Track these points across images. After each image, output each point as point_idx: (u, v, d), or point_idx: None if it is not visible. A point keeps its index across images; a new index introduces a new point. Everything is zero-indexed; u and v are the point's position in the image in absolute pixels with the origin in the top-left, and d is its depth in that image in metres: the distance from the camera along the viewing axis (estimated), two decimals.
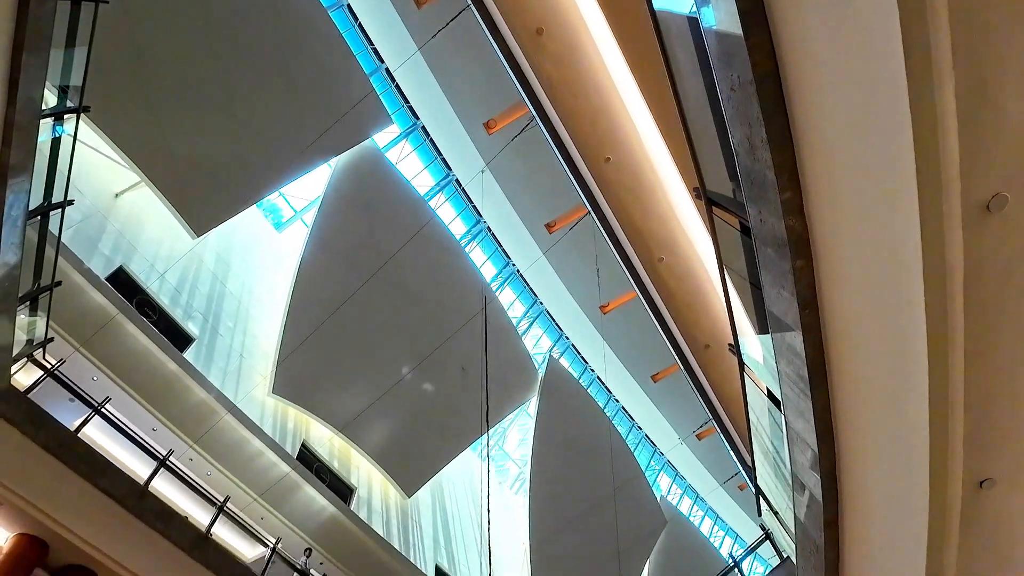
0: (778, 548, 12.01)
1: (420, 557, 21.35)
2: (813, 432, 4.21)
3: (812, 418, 4.26)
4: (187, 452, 14.39)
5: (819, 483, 4.37)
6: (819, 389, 4.27)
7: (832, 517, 4.40)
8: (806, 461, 4.73)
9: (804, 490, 4.85)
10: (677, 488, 38.11)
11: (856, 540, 4.49)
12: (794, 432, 4.62)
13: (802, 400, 4.43)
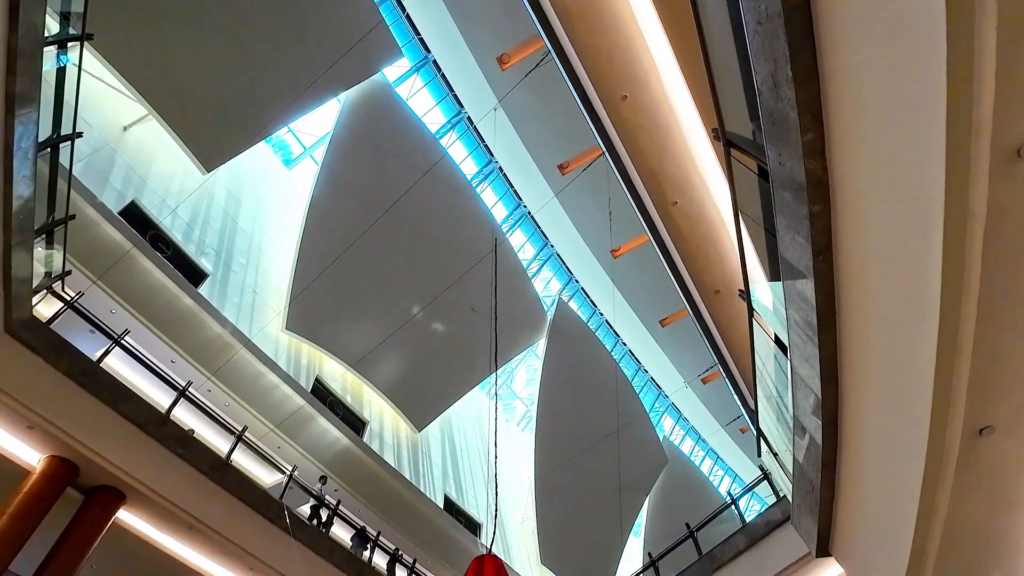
0: (775, 487, 12.40)
1: (430, 487, 22.35)
2: (818, 378, 4.25)
3: (818, 364, 4.29)
4: (205, 384, 14.88)
5: (820, 427, 4.45)
6: (827, 335, 4.27)
7: (830, 458, 4.51)
8: (808, 405, 4.80)
9: (804, 433, 4.95)
10: (680, 429, 39.10)
11: (851, 480, 4.61)
12: (799, 377, 4.67)
13: (809, 346, 4.45)
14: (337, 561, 12.49)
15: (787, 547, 10.84)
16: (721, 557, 12.23)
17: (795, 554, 10.56)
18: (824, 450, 4.50)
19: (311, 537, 12.19)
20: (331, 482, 16.60)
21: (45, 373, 8.79)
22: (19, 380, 8.46)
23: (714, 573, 12.28)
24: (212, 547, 10.49)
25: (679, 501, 27.13)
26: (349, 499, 16.95)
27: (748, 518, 12.67)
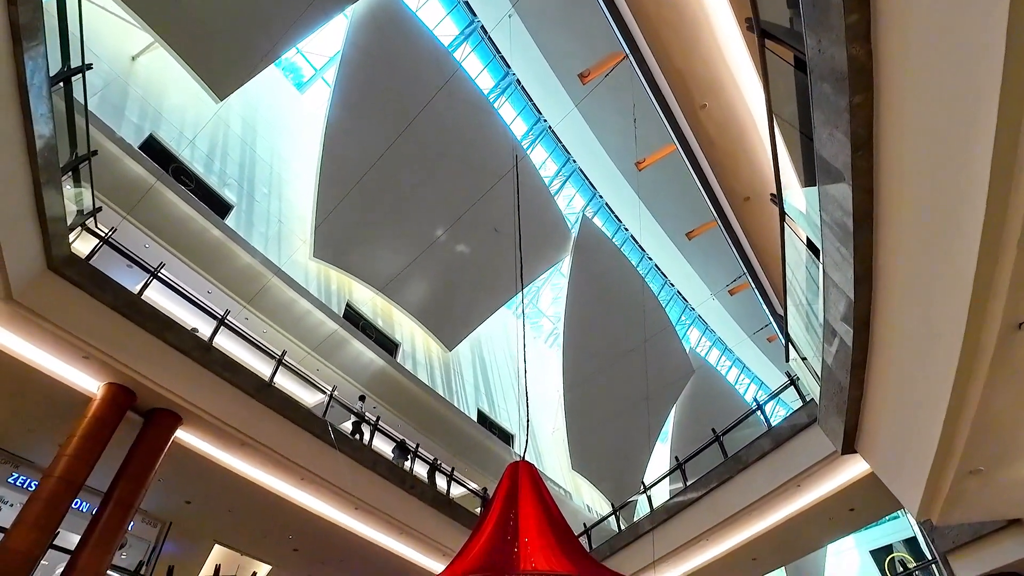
0: (801, 392, 12.61)
1: (463, 402, 23.34)
2: (851, 280, 4.15)
3: (851, 265, 4.18)
4: (242, 312, 15.41)
5: (851, 329, 4.41)
6: (862, 236, 4.13)
7: (860, 360, 4.50)
8: (840, 308, 4.74)
9: (835, 336, 4.93)
10: (706, 341, 39.49)
11: (880, 380, 4.62)
12: (831, 280, 4.58)
13: (842, 248, 4.33)
14: (381, 471, 13.36)
15: (812, 448, 11.18)
16: (746, 459, 12.69)
17: (820, 454, 10.91)
18: (854, 352, 4.48)
19: (355, 450, 12.99)
20: (369, 400, 17.43)
21: (91, 307, 9.19)
22: (68, 314, 8.87)
23: (739, 474, 12.79)
24: (265, 461, 11.28)
25: (705, 409, 27.87)
26: (388, 415, 17.85)
27: (773, 423, 13.03)
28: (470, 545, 4.05)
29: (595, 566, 3.91)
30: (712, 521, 13.04)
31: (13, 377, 9.31)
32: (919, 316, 4.01)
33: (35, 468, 11.35)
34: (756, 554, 13.61)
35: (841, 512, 12.10)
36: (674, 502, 14.42)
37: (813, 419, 11.20)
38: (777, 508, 12.15)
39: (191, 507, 12.64)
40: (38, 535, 7.80)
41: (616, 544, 15.82)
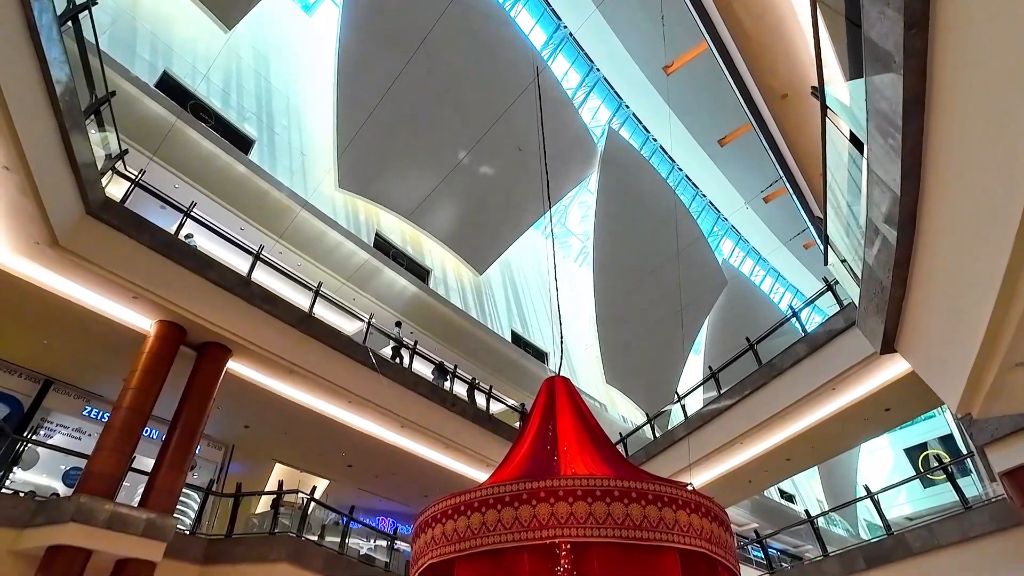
0: (839, 297, 12.42)
1: (496, 324, 23.81)
2: (897, 173, 3.92)
3: (899, 158, 3.93)
4: (275, 247, 15.71)
5: (894, 227, 4.22)
6: (912, 125, 3.86)
7: (903, 257, 4.33)
8: (884, 205, 4.52)
9: (877, 234, 4.74)
10: (740, 251, 38.79)
11: (924, 277, 4.47)
12: (875, 176, 4.33)
13: (890, 139, 4.06)
14: (422, 391, 13.96)
15: (848, 352, 11.14)
16: (781, 365, 12.76)
17: (856, 357, 10.88)
18: (898, 250, 4.31)
19: (396, 373, 13.53)
20: (406, 326, 17.91)
21: (132, 248, 9.47)
22: (112, 257, 9.18)
23: (774, 380, 12.92)
24: (312, 387, 11.88)
25: (739, 319, 27.82)
26: (425, 339, 18.38)
27: (809, 330, 12.95)
28: (512, 455, 4.22)
29: (633, 469, 4.05)
30: (746, 426, 13.36)
31: (72, 320, 9.84)
32: (969, 209, 3.80)
33: (105, 401, 12.22)
34: (790, 455, 14.00)
35: (876, 412, 12.22)
36: (708, 409, 14.76)
37: (850, 323, 11.09)
38: (812, 411, 12.33)
39: (250, 431, 13.55)
40: (117, 458, 8.52)
41: (652, 450, 16.44)
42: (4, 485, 8.92)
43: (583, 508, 3.06)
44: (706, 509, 3.30)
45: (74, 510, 7.66)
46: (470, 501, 3.23)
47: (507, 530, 3.05)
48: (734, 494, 15.94)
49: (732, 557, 3.41)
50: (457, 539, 3.20)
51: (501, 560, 3.08)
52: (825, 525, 23.97)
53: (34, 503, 8.07)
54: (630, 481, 3.13)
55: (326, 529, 12.56)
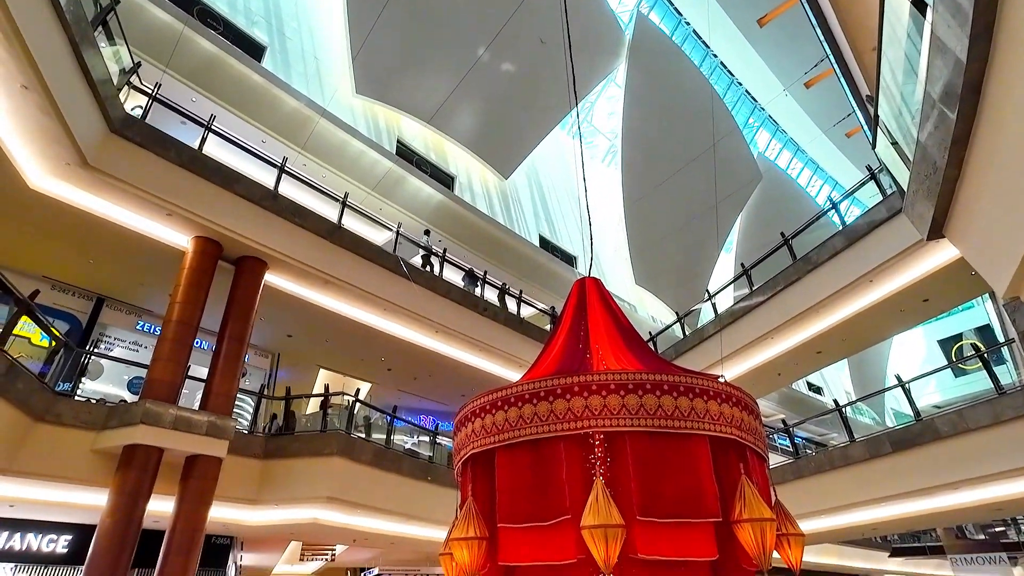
0: (882, 186, 11.83)
1: (524, 229, 23.68)
2: (965, 38, 3.52)
3: (969, 19, 3.52)
4: (298, 159, 15.57)
5: (956, 97, 3.87)
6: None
7: (962, 133, 4.01)
8: (945, 75, 4.13)
9: (934, 110, 4.37)
10: (776, 143, 36.93)
11: (982, 155, 4.16)
12: (938, 42, 3.91)
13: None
14: (454, 297, 14.24)
15: (889, 242, 10.79)
16: (816, 259, 12.49)
17: (897, 247, 10.55)
18: (957, 125, 3.98)
19: (428, 280, 13.77)
20: (434, 234, 17.97)
21: (159, 165, 9.50)
22: (141, 174, 9.25)
23: (808, 274, 12.72)
24: (348, 296, 12.21)
25: (773, 215, 27.01)
26: (453, 247, 18.48)
27: (847, 222, 12.50)
28: (545, 354, 4.29)
29: (665, 364, 4.10)
30: (777, 321, 13.37)
31: (112, 239, 10.14)
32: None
33: (155, 316, 12.87)
34: (821, 348, 14.07)
35: (913, 303, 12.02)
36: (740, 306, 14.75)
37: (893, 212, 10.65)
38: (846, 304, 12.20)
39: (293, 340, 14.20)
40: (174, 367, 9.08)
41: (680, 348, 16.73)
42: (76, 393, 9.69)
43: (616, 400, 3.13)
44: (736, 399, 3.35)
45: (142, 414, 8.31)
46: (507, 396, 3.34)
47: (543, 422, 3.17)
48: (762, 386, 16.30)
49: (761, 442, 3.51)
50: (496, 431, 3.34)
51: (538, 449, 3.22)
52: (852, 415, 24.55)
53: (106, 408, 8.77)
54: (662, 374, 3.18)
55: (372, 427, 13.44)
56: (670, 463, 2.91)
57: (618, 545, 2.61)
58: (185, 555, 8.25)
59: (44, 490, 8.50)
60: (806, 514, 12.02)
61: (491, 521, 3.15)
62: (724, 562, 2.91)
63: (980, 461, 9.59)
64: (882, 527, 15.64)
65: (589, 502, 2.72)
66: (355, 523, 11.23)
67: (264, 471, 10.20)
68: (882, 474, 11.16)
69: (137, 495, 8.02)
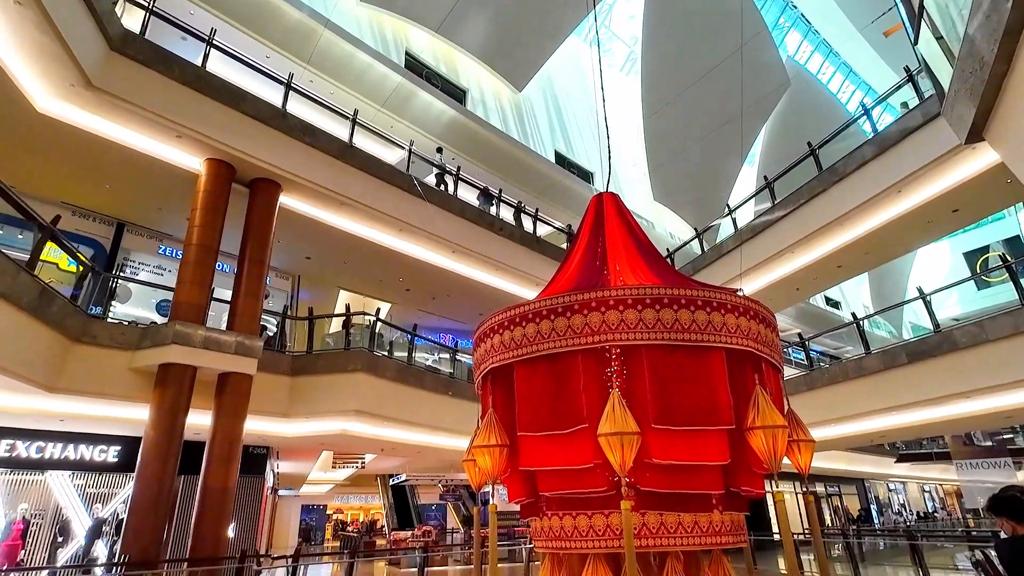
0: (919, 89, 11.14)
1: (539, 144, 23.03)
2: None
3: None
4: (304, 75, 15.03)
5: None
6: None
7: (1016, 23, 3.66)
8: None
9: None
10: (808, 45, 34.61)
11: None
12: None
13: None
14: (469, 216, 14.13)
15: (922, 150, 10.31)
16: (843, 169, 12.04)
17: (930, 155, 10.10)
18: (1011, 13, 3.63)
19: (442, 199, 13.62)
20: (447, 152, 17.58)
21: (164, 84, 9.25)
22: (146, 94, 9.03)
23: (833, 186, 12.31)
24: (363, 217, 12.17)
25: (801, 124, 25.76)
26: (467, 165, 18.11)
27: (880, 129, 11.89)
28: (562, 271, 4.27)
29: (683, 279, 4.07)
30: (799, 235, 13.12)
31: (125, 162, 10.09)
32: None
33: (176, 240, 13.03)
34: (842, 262, 13.87)
35: (942, 215, 11.66)
36: (760, 221, 14.45)
37: (929, 118, 10.10)
38: (872, 216, 11.88)
39: (311, 262, 14.36)
40: (199, 289, 9.31)
41: (698, 264, 16.62)
42: (108, 316, 10.04)
43: (633, 315, 3.14)
44: (754, 312, 3.34)
45: (173, 334, 8.63)
46: (525, 312, 3.36)
47: (561, 337, 3.21)
48: (780, 301, 16.27)
49: (777, 354, 3.53)
50: (515, 346, 3.39)
51: (556, 363, 3.28)
52: (869, 329, 24.58)
53: (138, 330, 9.11)
54: (679, 288, 3.15)
55: (393, 346, 13.84)
56: (685, 375, 2.95)
57: (633, 451, 2.70)
58: (226, 463, 8.83)
59: (89, 406, 9.03)
60: (818, 422, 12.36)
61: (511, 430, 3.27)
62: (736, 466, 3.01)
63: (996, 370, 9.65)
64: (892, 434, 16.11)
65: (606, 412, 2.79)
66: (381, 434, 11.85)
67: (293, 387, 10.67)
68: (896, 384, 11.33)
69: (176, 410, 8.49)
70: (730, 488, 3.07)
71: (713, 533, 2.94)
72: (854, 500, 30.22)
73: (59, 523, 10.73)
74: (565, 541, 3.05)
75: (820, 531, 3.18)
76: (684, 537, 2.87)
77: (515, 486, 3.48)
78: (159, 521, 8.02)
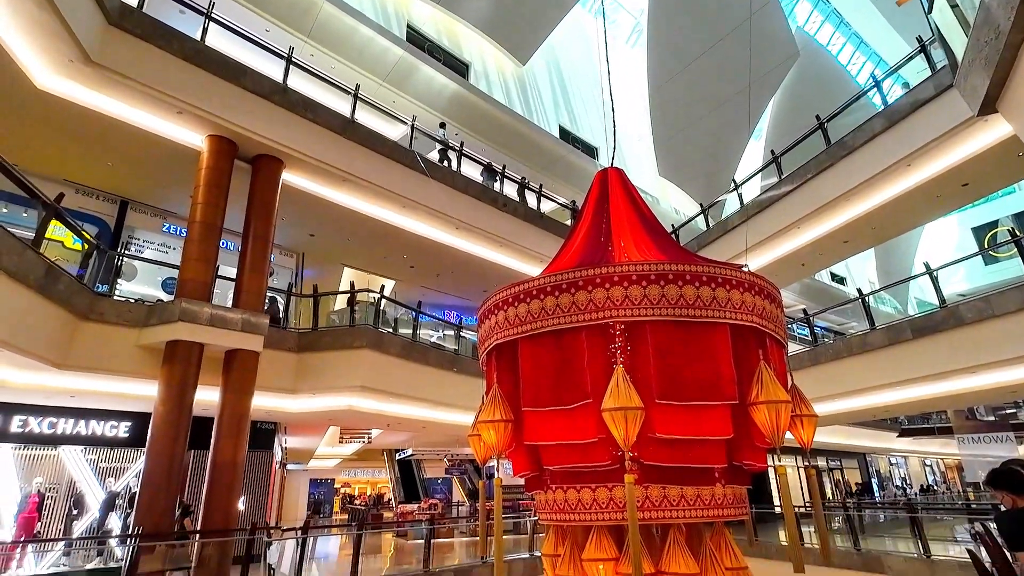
0: (932, 60, 10.91)
1: (543, 119, 22.76)
2: None
3: None
4: (304, 49, 14.82)
5: None
6: None
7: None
8: None
9: None
10: (818, 15, 33.82)
11: None
12: None
13: None
14: (473, 193, 14.05)
15: (933, 122, 10.15)
16: (852, 143, 11.88)
17: (941, 127, 9.95)
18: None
19: (445, 176, 13.53)
20: (450, 127, 17.40)
21: (163, 59, 9.14)
22: (146, 69, 8.93)
23: (841, 160, 12.15)
24: (366, 194, 12.12)
25: (809, 97, 25.34)
26: (470, 140, 17.94)
27: (890, 102, 11.67)
28: (566, 247, 4.24)
29: (688, 255, 4.04)
30: (805, 210, 13.01)
31: (127, 140, 10.03)
32: None
33: (179, 218, 13.02)
34: (848, 237, 13.78)
35: (952, 189, 11.52)
36: (766, 196, 14.31)
37: (941, 89, 9.91)
38: (880, 190, 11.75)
39: (316, 239, 14.35)
40: (204, 267, 9.33)
41: (703, 240, 16.53)
42: (115, 294, 10.10)
43: (638, 291, 3.13)
44: (759, 287, 3.32)
45: (180, 312, 8.68)
46: (530, 289, 3.36)
47: (565, 313, 3.20)
48: (786, 277, 16.21)
49: (781, 329, 3.52)
50: (519, 323, 3.39)
51: (561, 339, 3.28)
52: (874, 304, 24.53)
53: (145, 307, 9.17)
54: (684, 264, 3.13)
55: (398, 323, 13.89)
56: (690, 350, 2.95)
57: (637, 425, 2.72)
58: (234, 438, 8.97)
59: (98, 382, 9.15)
60: (821, 397, 12.41)
61: (516, 406, 3.29)
62: (738, 440, 3.03)
63: (1002, 345, 9.63)
64: (895, 409, 16.18)
65: (610, 387, 2.81)
66: (387, 410, 11.98)
67: (299, 363, 10.77)
68: (900, 359, 11.34)
69: (184, 386, 8.59)
70: (732, 462, 3.10)
71: (715, 506, 2.97)
72: (855, 474, 30.55)
73: (73, 496, 10.96)
74: (569, 513, 3.10)
75: (821, 504, 3.21)
76: (686, 509, 2.91)
77: (520, 460, 3.52)
78: (171, 494, 8.18)
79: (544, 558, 3.39)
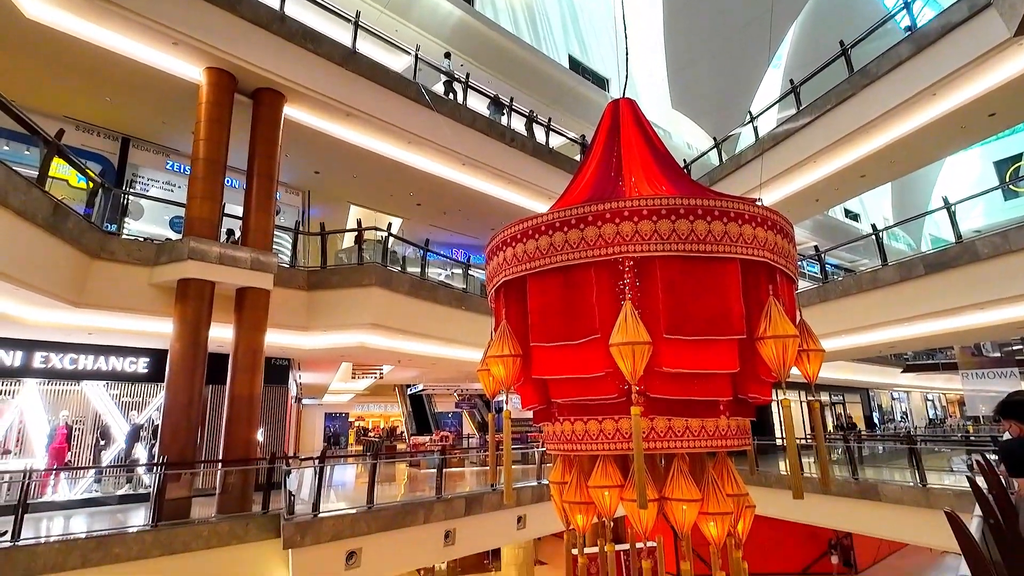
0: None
1: (552, 48, 21.83)
2: None
3: None
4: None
5: None
6: None
7: None
8: None
9: None
10: None
11: None
12: None
13: None
14: (480, 127, 13.69)
15: (964, 47, 9.64)
16: (876, 71, 11.34)
17: (974, 51, 9.45)
18: None
19: (451, 109, 13.14)
20: (455, 58, 16.75)
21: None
22: None
23: (863, 89, 11.65)
24: (370, 128, 11.84)
25: (833, 21, 23.99)
26: (476, 71, 17.30)
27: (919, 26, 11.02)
28: (575, 182, 4.12)
29: (701, 189, 3.92)
30: (824, 143, 12.60)
31: (123, 73, 9.77)
32: None
33: (182, 155, 12.85)
34: (866, 171, 13.41)
35: (978, 119, 11.07)
36: (783, 129, 13.85)
37: (976, 9, 9.33)
38: (903, 121, 11.33)
39: (321, 176, 14.18)
40: (210, 204, 9.29)
41: (716, 176, 16.17)
42: (123, 232, 10.12)
43: (648, 226, 3.05)
44: (772, 222, 3.22)
45: (189, 251, 8.72)
46: (538, 225, 3.29)
47: (574, 249, 3.14)
48: (799, 213, 15.94)
49: (792, 264, 3.46)
50: (527, 259, 3.34)
51: (569, 275, 3.24)
52: (887, 241, 24.18)
53: (154, 246, 9.21)
54: (695, 199, 3.04)
55: (406, 261, 13.91)
56: (699, 285, 2.92)
57: (644, 359, 2.73)
58: (250, 373, 9.22)
59: (114, 319, 9.33)
60: (829, 333, 12.48)
61: (524, 341, 3.32)
62: (744, 374, 3.05)
63: (1016, 280, 9.54)
64: (901, 345, 16.28)
65: (618, 323, 2.80)
66: (398, 346, 12.20)
67: (310, 301, 10.89)
68: (911, 296, 11.29)
69: (198, 323, 8.75)
70: (738, 395, 3.14)
71: (719, 436, 3.03)
72: (857, 408, 31.15)
73: (100, 428, 11.44)
74: (576, 444, 3.17)
75: (823, 436, 3.27)
76: (690, 440, 2.97)
77: (528, 394, 3.58)
78: (192, 426, 8.50)
79: (551, 485, 3.51)
